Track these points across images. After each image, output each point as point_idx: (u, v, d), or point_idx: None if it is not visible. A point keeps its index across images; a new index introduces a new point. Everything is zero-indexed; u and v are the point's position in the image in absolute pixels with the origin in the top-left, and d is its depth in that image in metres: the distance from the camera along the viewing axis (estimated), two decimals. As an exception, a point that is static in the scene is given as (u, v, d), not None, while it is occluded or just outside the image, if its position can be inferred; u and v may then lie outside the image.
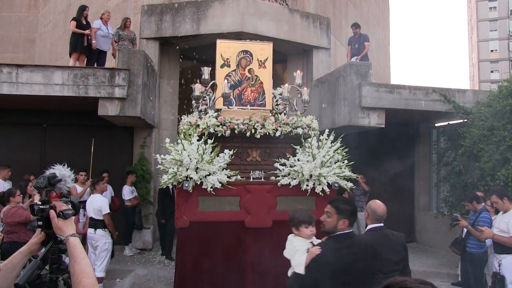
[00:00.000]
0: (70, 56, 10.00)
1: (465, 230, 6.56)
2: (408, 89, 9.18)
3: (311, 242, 3.43)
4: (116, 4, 11.84)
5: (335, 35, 12.03)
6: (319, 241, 3.45)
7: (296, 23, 10.43)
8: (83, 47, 9.83)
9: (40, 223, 1.97)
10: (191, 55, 11.60)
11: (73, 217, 1.99)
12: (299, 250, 3.30)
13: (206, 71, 6.01)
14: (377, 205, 3.81)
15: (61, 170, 2.14)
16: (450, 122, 10.53)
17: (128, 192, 9.04)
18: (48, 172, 2.11)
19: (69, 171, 2.19)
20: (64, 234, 1.90)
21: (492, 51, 54.83)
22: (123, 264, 8.39)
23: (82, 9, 10.06)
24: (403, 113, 9.42)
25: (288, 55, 11.36)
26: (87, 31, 9.84)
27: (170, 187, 8.40)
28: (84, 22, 9.98)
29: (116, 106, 8.29)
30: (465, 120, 9.30)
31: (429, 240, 10.97)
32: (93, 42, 9.85)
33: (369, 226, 3.78)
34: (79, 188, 8.35)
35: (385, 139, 10.28)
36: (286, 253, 3.50)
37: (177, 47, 10.82)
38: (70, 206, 2.01)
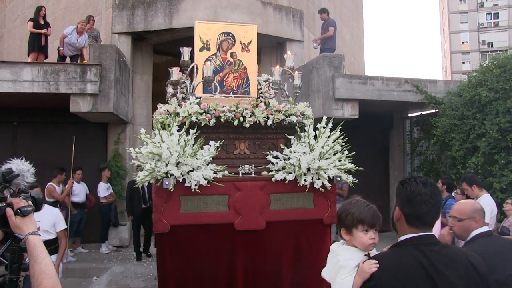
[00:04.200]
0: (28, 56, 9.92)
1: None
2: (381, 80, 9.30)
3: (367, 255, 2.18)
4: (86, -2, 11.64)
5: (308, 28, 12.07)
6: (377, 252, 2.24)
7: (269, 16, 10.42)
8: (40, 46, 9.80)
9: None
10: (164, 50, 11.50)
11: (33, 213, 1.88)
12: (344, 267, 2.10)
13: (185, 51, 5.24)
14: (479, 204, 3.09)
15: (18, 165, 2.02)
16: (423, 112, 10.72)
17: (103, 189, 8.93)
18: (3, 168, 2.00)
19: (28, 165, 2.08)
20: (23, 233, 1.79)
21: (463, 42, 55.82)
22: (100, 262, 8.29)
23: (39, 9, 10.07)
24: (376, 104, 9.53)
25: (262, 48, 11.33)
26: (43, 30, 9.81)
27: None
28: (42, 22, 9.96)
29: (88, 102, 8.16)
30: (437, 110, 9.49)
31: (404, 229, 11.14)
32: (61, 48, 9.91)
33: (478, 231, 2.94)
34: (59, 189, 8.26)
35: (359, 131, 10.40)
36: (326, 273, 2.29)
37: (150, 42, 10.69)
38: (30, 202, 1.90)
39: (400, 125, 11.65)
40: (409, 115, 11.45)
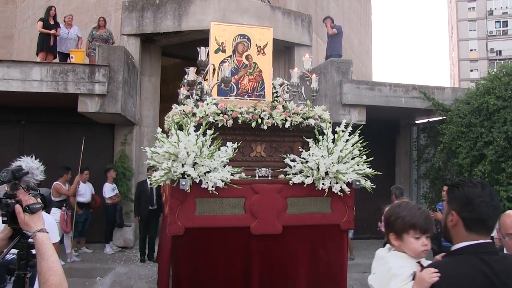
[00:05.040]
0: (37, 56, 10.01)
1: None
2: (388, 86, 9.29)
3: (419, 262, 2.00)
4: (96, 0, 11.71)
5: (316, 33, 12.08)
6: (429, 261, 2.01)
7: (277, 21, 10.44)
8: (49, 46, 9.87)
9: (5, 218, 1.89)
10: (172, 52, 11.55)
11: (42, 211, 1.90)
12: (398, 275, 1.90)
13: (203, 51, 5.15)
14: None
15: (28, 163, 2.05)
16: (430, 119, 10.69)
17: (109, 190, 8.95)
18: (13, 165, 2.02)
19: (38, 163, 2.10)
20: (31, 230, 1.81)
21: (471, 50, 55.63)
22: (104, 263, 8.31)
23: (49, 9, 10.16)
24: (383, 110, 9.51)
25: (270, 53, 11.37)
26: (52, 31, 9.89)
27: (148, 182, 8.21)
28: (52, 22, 10.03)
29: (96, 103, 8.22)
30: (444, 117, 9.46)
31: (409, 236, 11.10)
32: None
33: None
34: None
35: (366, 137, 10.37)
36: (374, 281, 2.10)
37: (159, 44, 10.74)
38: (38, 200, 1.91)
39: (407, 131, 11.61)
40: (416, 121, 11.42)
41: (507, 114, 7.77)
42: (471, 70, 54.45)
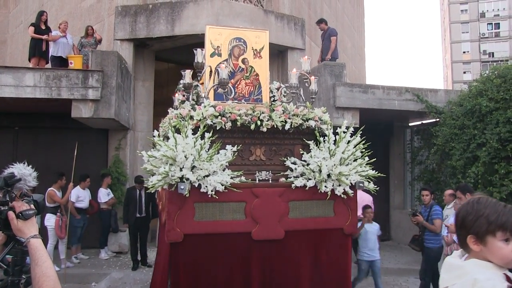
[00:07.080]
0: (29, 61, 9.95)
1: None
2: (381, 89, 9.33)
3: (505, 274, 1.58)
4: (90, 5, 11.68)
5: (310, 36, 12.12)
6: None
7: (271, 24, 10.46)
8: (41, 52, 9.81)
9: None
10: (166, 57, 11.55)
11: (35, 217, 1.90)
12: None
13: (199, 53, 4.98)
14: None
15: (20, 169, 2.06)
16: (423, 122, 10.74)
17: (104, 195, 8.93)
18: (5, 172, 2.03)
19: (30, 169, 2.11)
20: (25, 236, 1.82)
21: (464, 52, 56.04)
22: (99, 268, 8.27)
23: (40, 14, 10.10)
24: (377, 112, 9.55)
25: (264, 56, 11.38)
26: (44, 36, 9.84)
27: (138, 190, 8.22)
28: (43, 27, 9.97)
29: (89, 108, 8.20)
30: (438, 119, 9.52)
31: (404, 238, 11.11)
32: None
33: None
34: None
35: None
36: None
37: (152, 49, 10.74)
38: (32, 206, 1.92)
39: (401, 134, 11.66)
40: (410, 124, 11.48)
41: (500, 116, 7.82)
42: (464, 72, 54.84)
